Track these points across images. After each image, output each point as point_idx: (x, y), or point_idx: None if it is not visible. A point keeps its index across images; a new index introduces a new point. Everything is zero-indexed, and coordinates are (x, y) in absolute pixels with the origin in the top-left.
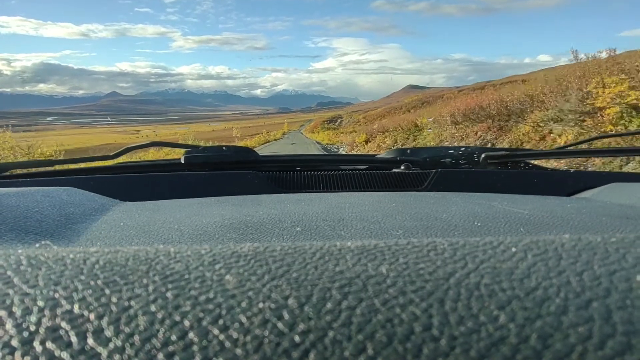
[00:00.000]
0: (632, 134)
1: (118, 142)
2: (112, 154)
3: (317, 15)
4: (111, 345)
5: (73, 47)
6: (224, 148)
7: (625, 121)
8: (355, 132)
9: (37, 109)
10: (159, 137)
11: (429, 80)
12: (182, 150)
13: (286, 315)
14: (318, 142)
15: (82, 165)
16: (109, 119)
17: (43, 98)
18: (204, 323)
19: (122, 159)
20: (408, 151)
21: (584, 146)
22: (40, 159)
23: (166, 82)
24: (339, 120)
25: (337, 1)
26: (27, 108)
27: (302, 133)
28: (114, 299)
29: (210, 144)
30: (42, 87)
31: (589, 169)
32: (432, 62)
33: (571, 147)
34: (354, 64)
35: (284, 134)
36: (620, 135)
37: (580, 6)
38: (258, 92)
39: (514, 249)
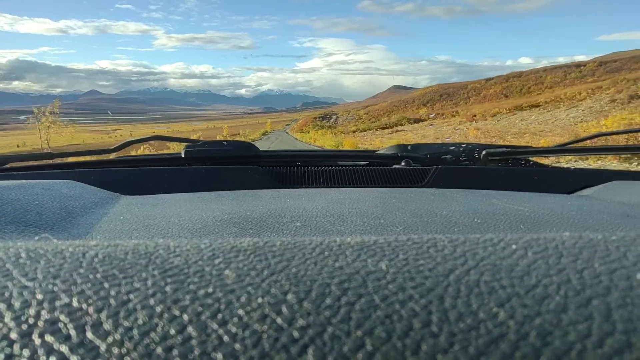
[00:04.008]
0: (632, 131)
1: (87, 142)
2: (112, 147)
3: (303, 15)
4: (110, 339)
5: (51, 43)
6: (224, 143)
7: None
8: (359, 130)
9: (11, 107)
10: (136, 136)
11: (414, 81)
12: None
13: (285, 311)
14: None
15: (82, 158)
16: (109, 113)
17: (18, 96)
18: (203, 317)
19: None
20: (409, 147)
21: (584, 144)
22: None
23: (148, 80)
24: (334, 117)
25: (324, 1)
26: (1, 106)
27: (288, 133)
28: (112, 293)
29: None
30: (18, 85)
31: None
32: (417, 63)
33: (571, 145)
34: (340, 64)
35: (264, 134)
36: (620, 133)
37: (561, 10)
38: (243, 91)
39: (514, 246)
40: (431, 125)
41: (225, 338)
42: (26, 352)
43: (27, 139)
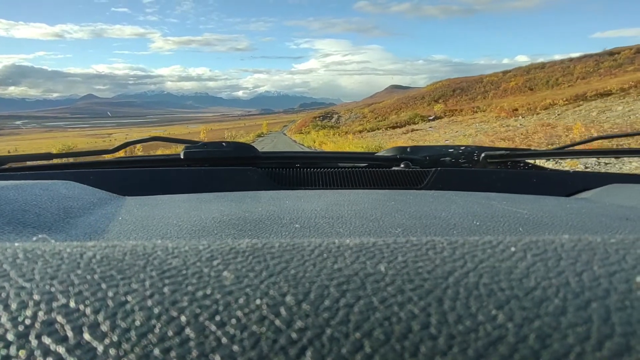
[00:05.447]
0: (632, 135)
1: (79, 148)
2: (111, 148)
3: (300, 16)
4: (107, 340)
5: (47, 48)
6: (223, 144)
7: None
8: (366, 130)
9: (7, 112)
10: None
11: (411, 81)
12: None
13: (284, 312)
14: None
15: (82, 159)
16: (109, 114)
17: (14, 101)
18: (201, 319)
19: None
20: (408, 149)
21: (583, 147)
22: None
23: (145, 84)
24: (335, 116)
25: (320, 2)
26: None
27: (285, 134)
28: (110, 294)
29: None
30: (14, 90)
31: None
32: (414, 63)
33: (570, 148)
34: (337, 65)
35: (259, 136)
36: (620, 136)
37: (556, 8)
38: (240, 93)
39: (513, 249)
40: (453, 122)
41: (224, 340)
42: (23, 354)
43: (20, 145)
